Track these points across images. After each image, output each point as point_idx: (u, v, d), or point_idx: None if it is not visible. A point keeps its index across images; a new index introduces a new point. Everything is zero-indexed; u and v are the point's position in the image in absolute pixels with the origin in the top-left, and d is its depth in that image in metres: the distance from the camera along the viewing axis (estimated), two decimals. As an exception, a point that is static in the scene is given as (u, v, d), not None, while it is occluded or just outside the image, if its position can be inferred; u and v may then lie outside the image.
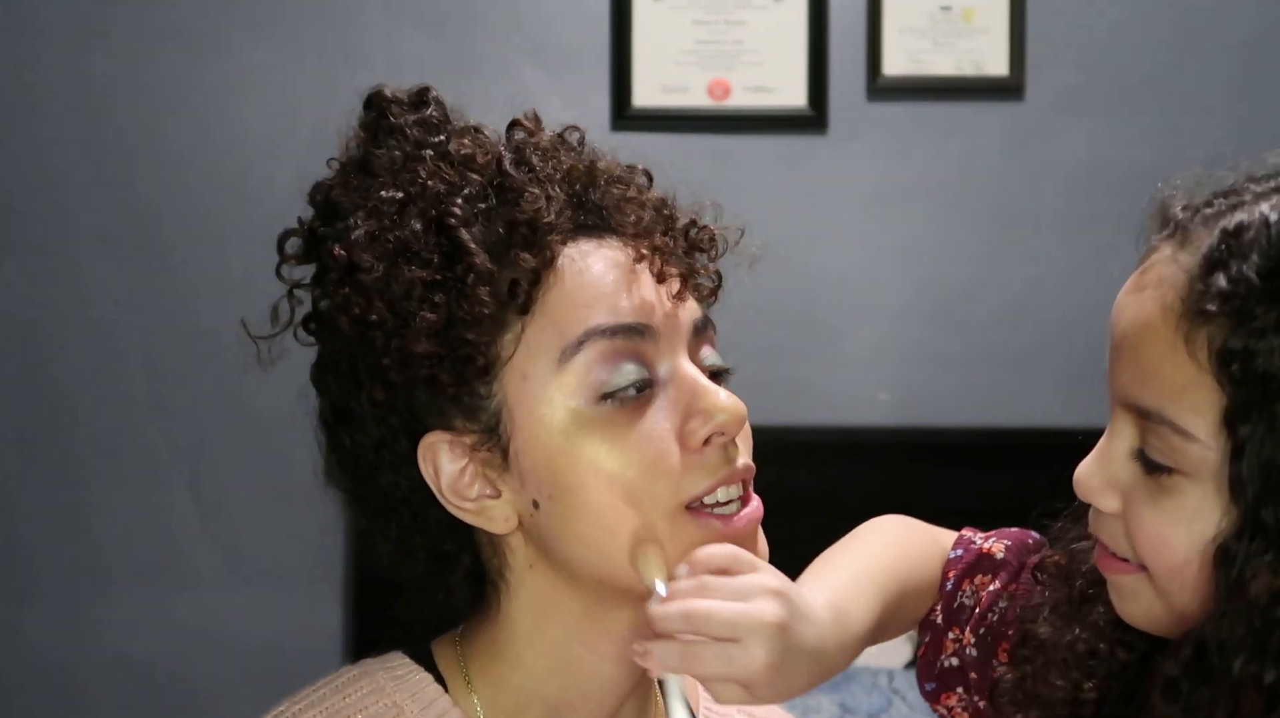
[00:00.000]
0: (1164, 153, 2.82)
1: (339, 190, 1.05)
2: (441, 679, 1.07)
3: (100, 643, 2.90)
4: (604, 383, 0.99)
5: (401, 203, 1.02)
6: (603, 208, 1.04)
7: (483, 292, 0.99)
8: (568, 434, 0.99)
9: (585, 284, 1.01)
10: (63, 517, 2.90)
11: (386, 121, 1.06)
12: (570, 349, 0.99)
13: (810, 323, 2.90)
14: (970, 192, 2.91)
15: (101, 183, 2.89)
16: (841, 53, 2.88)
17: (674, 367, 1.02)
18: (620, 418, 0.99)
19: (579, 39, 2.88)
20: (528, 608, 1.05)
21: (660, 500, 0.99)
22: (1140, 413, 0.96)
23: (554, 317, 1.00)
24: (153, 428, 2.90)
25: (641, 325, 1.01)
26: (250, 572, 2.90)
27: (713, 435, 1.01)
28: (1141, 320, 0.96)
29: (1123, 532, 0.98)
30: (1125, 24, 2.89)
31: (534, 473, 1.01)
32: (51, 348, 2.90)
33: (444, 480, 1.03)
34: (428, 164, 1.03)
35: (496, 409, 1.01)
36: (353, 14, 2.87)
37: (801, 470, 2.84)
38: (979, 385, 2.86)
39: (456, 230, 1.00)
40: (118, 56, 2.89)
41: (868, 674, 2.52)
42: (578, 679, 1.05)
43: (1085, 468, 1.00)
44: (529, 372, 1.00)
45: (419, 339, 0.99)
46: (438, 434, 1.02)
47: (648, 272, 1.03)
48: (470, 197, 1.02)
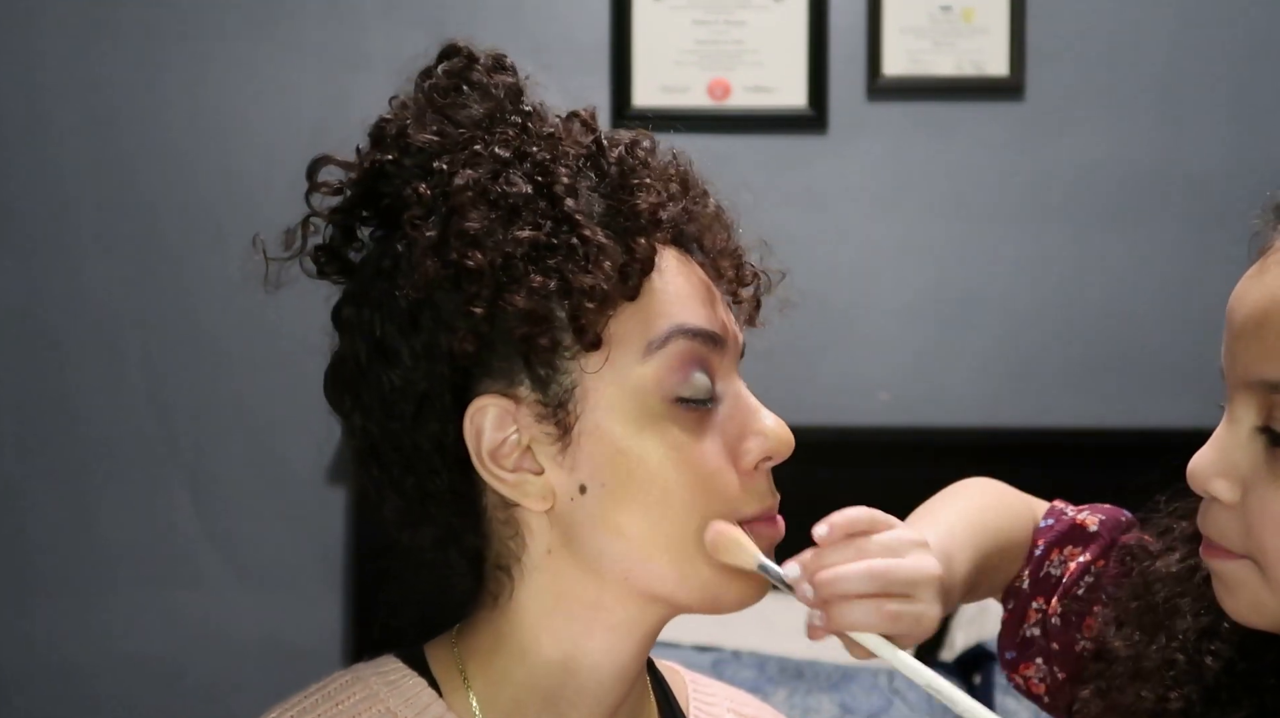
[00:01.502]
0: (1163, 153, 2.82)
1: (415, 129, 1.04)
2: (436, 683, 1.06)
3: (101, 642, 2.90)
4: (679, 386, 1.00)
5: (505, 160, 1.01)
6: (693, 219, 1.07)
7: (606, 265, 0.99)
8: (639, 427, 1.00)
9: (677, 285, 1.02)
10: (63, 517, 2.91)
11: (471, 75, 1.06)
12: (656, 342, 1.00)
13: (810, 323, 2.90)
14: (970, 192, 2.92)
15: (103, 183, 2.89)
16: (841, 53, 2.89)
17: (731, 385, 1.05)
18: (687, 422, 1.00)
19: (579, 39, 2.89)
20: (538, 595, 1.04)
21: (709, 515, 1.00)
22: (1270, 387, 0.96)
23: (646, 309, 1.01)
24: (153, 428, 2.90)
25: (719, 336, 1.03)
26: (250, 572, 2.90)
27: (762, 461, 1.03)
28: (1270, 297, 0.96)
29: (1236, 524, 0.98)
30: (1125, 24, 2.90)
31: (593, 458, 1.00)
32: (53, 348, 2.91)
33: (485, 445, 1.01)
34: (520, 129, 1.04)
35: (570, 386, 1.00)
36: (353, 14, 2.88)
37: (801, 470, 2.83)
38: (979, 385, 2.86)
39: (564, 200, 1.00)
40: (119, 56, 2.89)
41: (868, 674, 2.52)
42: (578, 675, 1.05)
43: (1201, 457, 0.99)
44: (614, 356, 1.00)
45: (525, 298, 0.98)
46: (492, 398, 1.01)
47: (720, 291, 1.06)
48: (570, 170, 1.02)
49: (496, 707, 1.05)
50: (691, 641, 2.57)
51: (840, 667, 2.54)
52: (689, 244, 1.07)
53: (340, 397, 1.06)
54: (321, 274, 1.07)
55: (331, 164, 1.06)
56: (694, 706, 1.18)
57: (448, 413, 1.01)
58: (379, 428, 1.04)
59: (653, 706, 1.14)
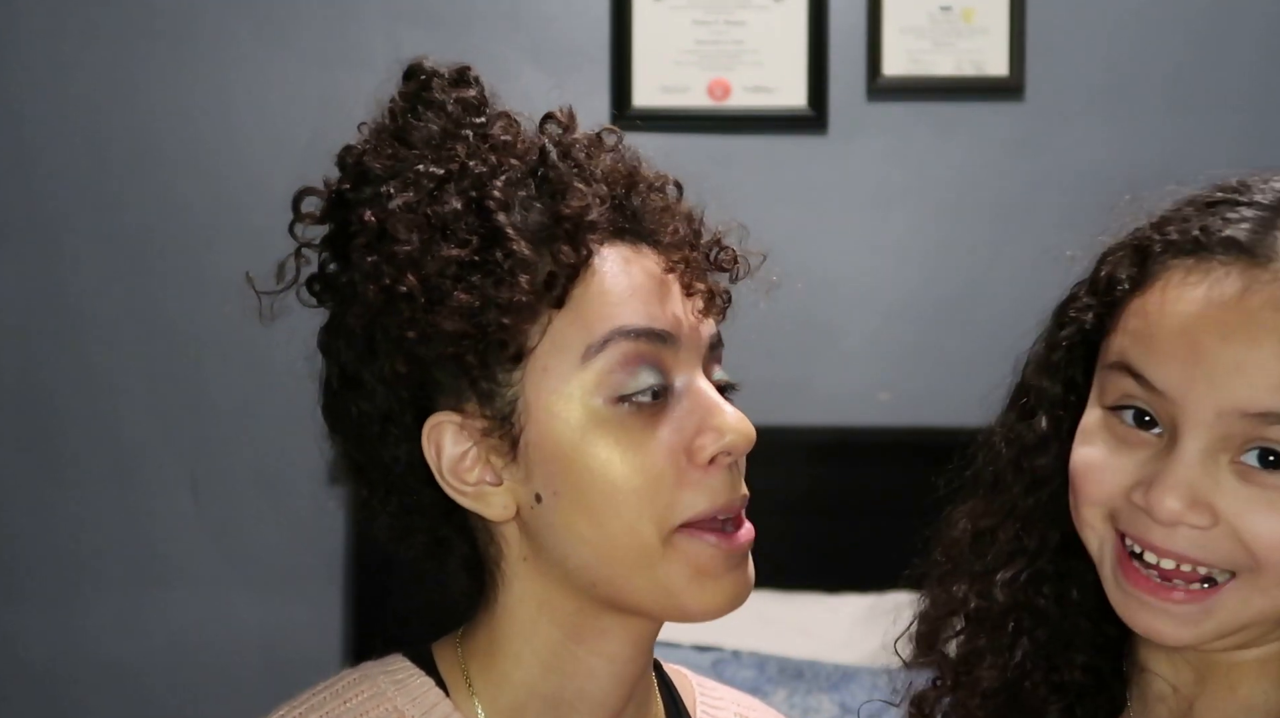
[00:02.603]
0: (1164, 153, 2.82)
1: (371, 156, 1.05)
2: (443, 682, 1.06)
3: (100, 643, 2.90)
4: (622, 385, 0.99)
5: (441, 179, 1.02)
6: (640, 215, 1.05)
7: (523, 279, 0.98)
8: (582, 432, 0.99)
9: (616, 286, 1.01)
10: (63, 517, 2.90)
11: (427, 94, 1.06)
12: (595, 347, 1.00)
13: (810, 323, 2.90)
14: (970, 191, 2.92)
15: (98, 183, 2.89)
16: (841, 53, 2.88)
17: (690, 380, 1.02)
18: (635, 423, 1.00)
19: (579, 39, 2.88)
20: (522, 602, 1.05)
21: (661, 514, 0.99)
22: (1269, 418, 0.95)
23: (582, 313, 1.00)
24: (152, 428, 2.90)
25: (666, 333, 1.01)
26: (250, 572, 2.90)
27: (719, 454, 1.01)
28: (1276, 336, 0.96)
29: (1223, 539, 0.97)
30: (1125, 24, 2.89)
31: (542, 467, 1.00)
32: (50, 349, 2.90)
33: (445, 462, 1.02)
34: (468, 143, 1.03)
35: (513, 398, 1.01)
36: (353, 14, 2.88)
37: (801, 470, 2.84)
38: (979, 385, 2.85)
39: (495, 214, 1.00)
40: (110, 57, 2.89)
41: (867, 674, 2.52)
42: (575, 678, 1.05)
43: (1171, 496, 0.98)
44: (551, 365, 1.00)
45: (450, 317, 0.99)
46: (445, 414, 1.02)
47: (677, 283, 1.04)
48: (510, 181, 1.02)
49: (499, 707, 1.06)
50: (691, 640, 2.57)
51: (840, 667, 2.54)
52: (644, 238, 1.05)
53: (327, 419, 1.09)
54: (320, 302, 1.09)
55: (313, 195, 1.08)
56: (701, 710, 1.18)
57: (411, 433, 1.03)
58: (356, 449, 1.07)
59: (659, 709, 1.14)
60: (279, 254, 1.09)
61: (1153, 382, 0.99)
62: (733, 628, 2.62)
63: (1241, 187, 1.03)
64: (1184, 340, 0.98)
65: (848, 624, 2.67)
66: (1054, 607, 1.11)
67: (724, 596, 1.03)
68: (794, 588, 2.73)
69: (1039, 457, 1.12)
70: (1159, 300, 1.01)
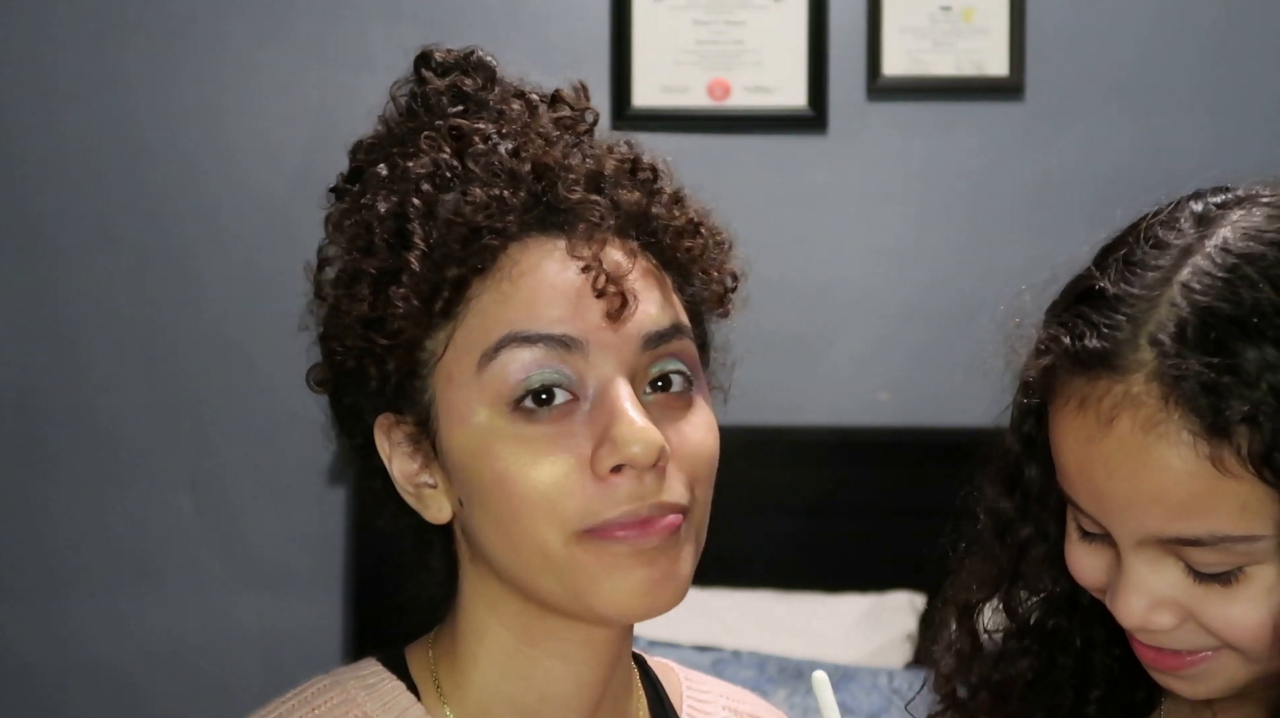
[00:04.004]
0: (1164, 153, 2.82)
1: (363, 152, 1.03)
2: (415, 687, 1.05)
3: (100, 642, 2.90)
4: (515, 391, 0.95)
5: (383, 181, 0.99)
6: (560, 209, 0.98)
7: (400, 294, 0.95)
8: (482, 440, 0.96)
9: (517, 289, 0.96)
10: (62, 516, 2.90)
11: (420, 87, 1.03)
12: (489, 353, 0.95)
13: (810, 323, 2.90)
14: (970, 191, 2.92)
15: (107, 182, 2.89)
16: (841, 53, 2.88)
17: (604, 385, 0.96)
18: (533, 431, 0.95)
19: (579, 39, 2.88)
20: (476, 603, 1.03)
21: (559, 520, 0.94)
22: (1185, 542, 0.94)
23: (482, 319, 0.96)
24: (153, 428, 2.90)
25: (566, 337, 0.95)
26: (250, 572, 2.90)
27: (623, 466, 0.94)
28: (1157, 466, 0.92)
29: (1193, 632, 0.97)
30: (1125, 24, 2.89)
31: (455, 472, 0.98)
32: (55, 347, 2.90)
33: (395, 462, 1.01)
34: (426, 141, 0.99)
35: (428, 403, 0.98)
36: (352, 14, 2.88)
37: (802, 470, 2.84)
38: (979, 386, 2.85)
39: (409, 222, 0.96)
40: (127, 57, 2.89)
41: (867, 675, 2.52)
42: (534, 681, 1.03)
43: (1130, 607, 0.97)
44: (453, 373, 0.97)
45: (347, 331, 0.98)
46: (386, 416, 1.01)
47: (589, 282, 0.96)
48: (441, 183, 0.98)
49: (466, 711, 1.04)
50: (691, 641, 2.57)
51: (840, 667, 2.54)
52: (563, 235, 0.98)
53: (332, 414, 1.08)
54: None
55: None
56: (688, 704, 1.15)
57: (370, 431, 1.02)
58: (348, 446, 1.06)
59: (641, 706, 1.11)
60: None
61: (1078, 505, 0.99)
62: (733, 628, 2.62)
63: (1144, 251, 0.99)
64: (1082, 478, 0.97)
65: (848, 624, 2.67)
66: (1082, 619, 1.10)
67: (634, 595, 0.96)
68: (794, 588, 2.73)
69: (1022, 528, 1.10)
70: (1059, 434, 0.99)
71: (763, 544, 2.79)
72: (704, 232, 1.05)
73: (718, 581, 2.70)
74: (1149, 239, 0.99)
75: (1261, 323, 0.91)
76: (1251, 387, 0.90)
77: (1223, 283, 0.93)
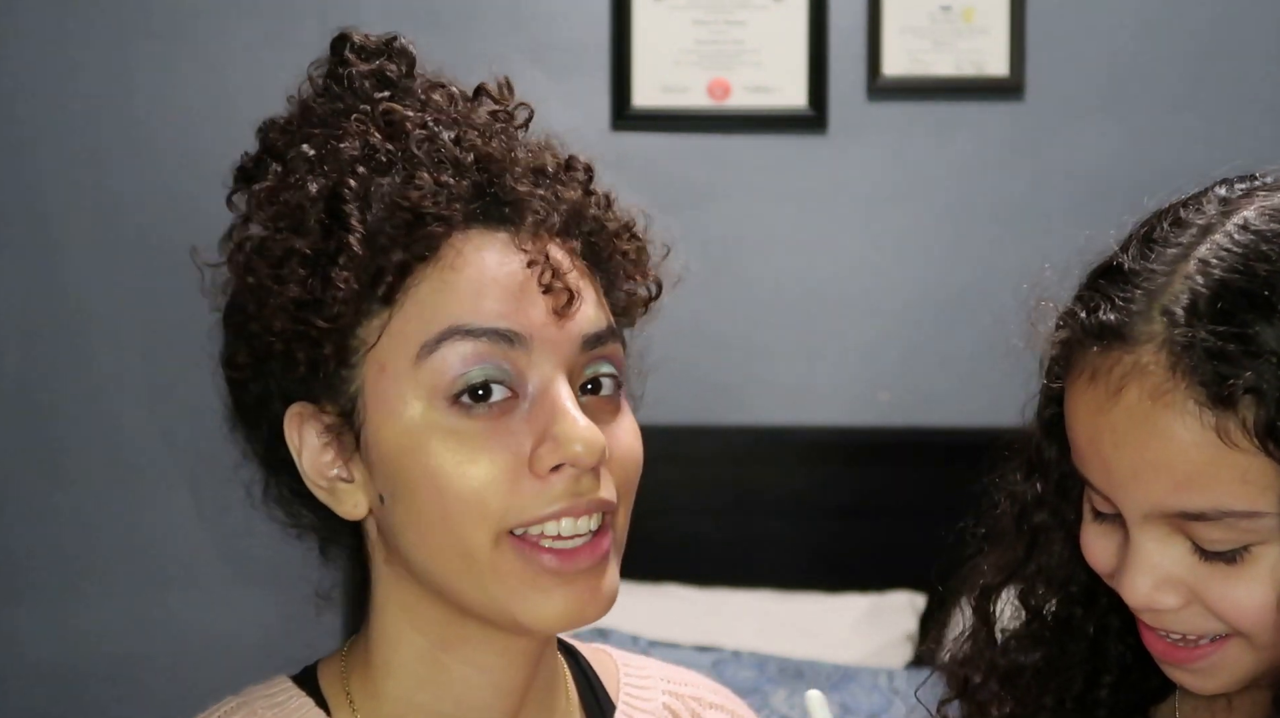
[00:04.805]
0: (1164, 153, 2.82)
1: (277, 131, 1.02)
2: (324, 701, 1.02)
3: (99, 643, 2.90)
4: (455, 385, 0.92)
5: (311, 161, 0.97)
6: (506, 202, 0.96)
7: (341, 277, 0.92)
8: (415, 434, 0.93)
9: (460, 280, 0.93)
10: (62, 517, 2.90)
11: (339, 69, 1.02)
12: (429, 345, 0.92)
13: (810, 323, 2.90)
14: (970, 192, 2.91)
15: (99, 182, 2.89)
16: (841, 53, 2.88)
17: (545, 383, 0.94)
18: (470, 427, 0.92)
19: (579, 39, 2.88)
20: (388, 607, 1.01)
21: (488, 519, 0.92)
22: (1189, 517, 0.94)
23: (421, 309, 0.93)
24: (153, 428, 2.90)
25: (510, 333, 0.93)
26: (250, 572, 2.90)
27: (563, 465, 0.93)
28: (1162, 435, 0.93)
29: (1199, 615, 0.97)
30: (1126, 24, 2.89)
31: (380, 467, 0.95)
32: (49, 349, 2.90)
33: (306, 453, 0.98)
34: (355, 123, 0.97)
35: (354, 394, 0.95)
36: (352, 14, 2.87)
37: (801, 470, 2.84)
38: (979, 385, 2.85)
39: (346, 204, 0.94)
40: (96, 52, 2.88)
41: (868, 675, 2.52)
42: (450, 689, 1.00)
43: (1136, 586, 0.97)
44: (388, 363, 0.94)
45: (278, 313, 0.94)
46: (300, 405, 0.98)
47: (534, 278, 0.95)
48: (377, 166, 0.95)
49: None
50: (691, 641, 2.57)
51: (840, 667, 2.54)
52: (506, 228, 0.96)
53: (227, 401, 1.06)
54: None
55: None
56: (624, 691, 1.12)
57: (279, 421, 0.99)
58: (245, 434, 1.05)
59: (571, 700, 1.08)
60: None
61: (1090, 482, 0.99)
62: (733, 628, 2.62)
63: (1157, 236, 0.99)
64: (1092, 451, 0.97)
65: (848, 624, 2.67)
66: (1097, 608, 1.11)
67: (555, 610, 0.94)
68: (794, 588, 2.73)
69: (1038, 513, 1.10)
70: (1071, 408, 0.99)
71: (763, 544, 2.79)
72: (636, 235, 1.03)
73: (718, 581, 2.70)
74: (1172, 219, 1.00)
75: (1272, 296, 0.91)
76: (1258, 358, 0.90)
77: (1238, 257, 0.94)
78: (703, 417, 2.80)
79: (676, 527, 2.69)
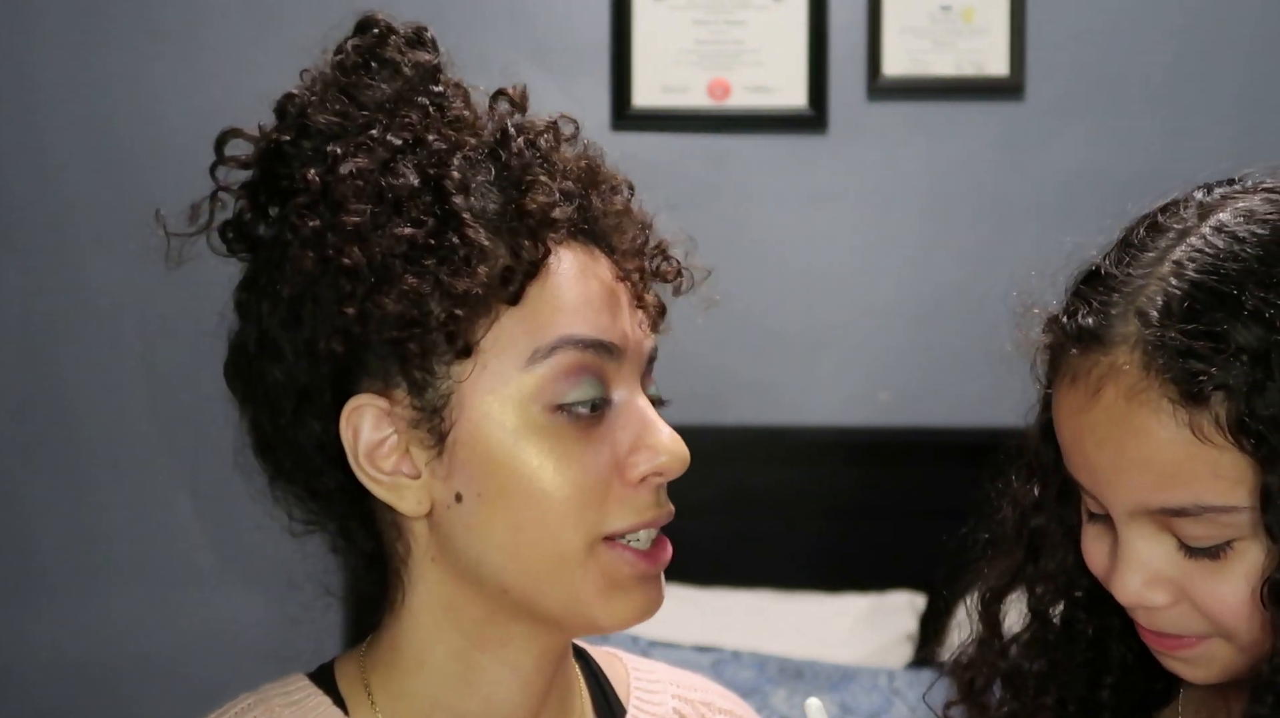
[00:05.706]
0: (1164, 153, 2.82)
1: (316, 109, 1.00)
2: (342, 699, 1.02)
3: (100, 642, 2.90)
4: (563, 394, 0.95)
5: (397, 149, 0.96)
6: (598, 217, 0.99)
7: (480, 270, 0.93)
8: (515, 437, 0.95)
9: (570, 291, 0.96)
10: (63, 516, 2.91)
11: (382, 52, 1.01)
12: (542, 352, 0.95)
13: (810, 322, 2.90)
14: (970, 191, 2.92)
15: (100, 182, 2.89)
16: (841, 53, 2.88)
17: (629, 395, 0.98)
18: (569, 433, 0.95)
19: (579, 39, 2.88)
20: (428, 605, 1.01)
21: (586, 527, 0.95)
22: (1171, 513, 0.95)
23: (532, 315, 0.95)
24: (153, 428, 2.90)
25: (613, 345, 0.97)
26: (250, 572, 2.90)
27: (650, 474, 0.97)
28: (1139, 433, 0.94)
29: (1189, 616, 0.98)
30: (1125, 24, 2.89)
31: (469, 466, 0.95)
32: (53, 348, 2.91)
33: (362, 446, 0.97)
34: (425, 113, 0.98)
35: (447, 392, 0.95)
36: (348, 12, 2.87)
37: (801, 470, 2.84)
38: (979, 385, 2.85)
39: (453, 196, 0.94)
40: (115, 53, 2.89)
41: (868, 675, 2.52)
42: (480, 688, 1.01)
43: (1126, 583, 0.98)
44: (492, 364, 0.95)
45: (397, 301, 0.93)
46: (370, 397, 0.96)
47: (625, 293, 0.99)
48: (469, 162, 0.96)
49: None
50: (691, 641, 2.57)
51: (840, 667, 2.54)
52: (599, 242, 0.99)
53: (235, 385, 1.06)
54: (230, 251, 1.06)
55: (240, 138, 1.04)
56: (635, 695, 1.13)
57: (328, 411, 0.98)
58: (268, 422, 1.02)
59: (585, 705, 1.09)
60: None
61: (1079, 482, 1.01)
62: (733, 628, 2.62)
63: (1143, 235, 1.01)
64: (1076, 451, 0.99)
65: (848, 624, 2.67)
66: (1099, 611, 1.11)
67: (633, 609, 0.98)
68: (794, 588, 2.73)
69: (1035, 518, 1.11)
70: (1056, 410, 1.01)
71: (763, 544, 2.79)
72: (669, 254, 1.06)
73: (718, 581, 2.70)
74: (1150, 224, 1.02)
75: (1240, 294, 0.93)
76: (1227, 354, 0.92)
77: (1210, 259, 0.96)
78: (702, 417, 2.80)
79: (676, 527, 2.69)
